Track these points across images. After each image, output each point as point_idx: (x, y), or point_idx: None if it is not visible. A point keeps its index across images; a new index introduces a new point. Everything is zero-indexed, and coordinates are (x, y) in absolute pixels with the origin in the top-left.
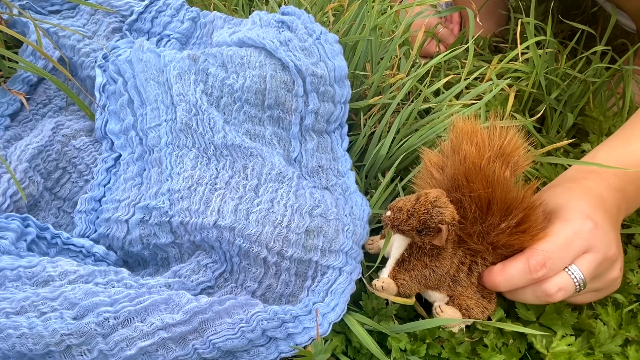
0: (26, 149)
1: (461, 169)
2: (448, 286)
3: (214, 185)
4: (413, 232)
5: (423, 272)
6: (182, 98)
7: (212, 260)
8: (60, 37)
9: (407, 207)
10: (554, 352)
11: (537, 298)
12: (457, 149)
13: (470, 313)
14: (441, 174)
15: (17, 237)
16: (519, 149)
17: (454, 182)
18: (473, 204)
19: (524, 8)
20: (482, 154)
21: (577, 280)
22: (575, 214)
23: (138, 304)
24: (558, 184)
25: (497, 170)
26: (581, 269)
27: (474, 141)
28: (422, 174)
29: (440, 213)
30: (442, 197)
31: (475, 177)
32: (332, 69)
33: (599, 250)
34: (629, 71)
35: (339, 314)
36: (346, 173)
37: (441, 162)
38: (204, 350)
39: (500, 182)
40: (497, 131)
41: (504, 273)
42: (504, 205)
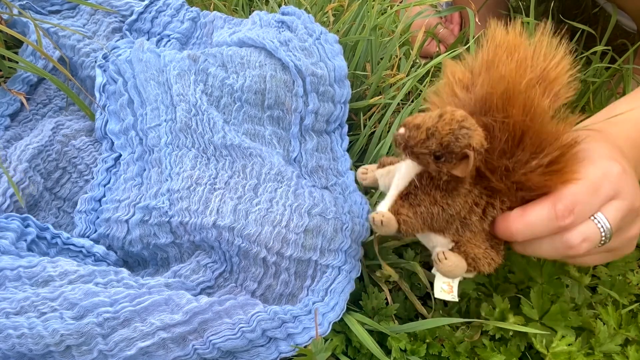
0: (26, 149)
1: (498, 87)
2: (456, 230)
3: (213, 185)
4: (430, 158)
5: (431, 210)
6: (182, 98)
7: (212, 260)
8: (60, 37)
9: (428, 124)
10: (554, 352)
11: (556, 250)
12: (493, 64)
13: (477, 264)
14: (467, 93)
15: (17, 237)
16: (564, 76)
17: (485, 103)
18: (505, 132)
19: (524, 8)
20: (522, 75)
21: (604, 230)
22: (602, 156)
23: (138, 304)
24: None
25: (537, 97)
26: (608, 217)
27: (514, 57)
28: (443, 91)
29: (468, 136)
30: (470, 118)
31: (514, 100)
32: (332, 69)
33: (627, 198)
34: (629, 71)
35: (338, 313)
36: (346, 173)
37: (467, 80)
38: (204, 351)
39: (539, 111)
40: (543, 50)
41: (524, 219)
42: (538, 139)
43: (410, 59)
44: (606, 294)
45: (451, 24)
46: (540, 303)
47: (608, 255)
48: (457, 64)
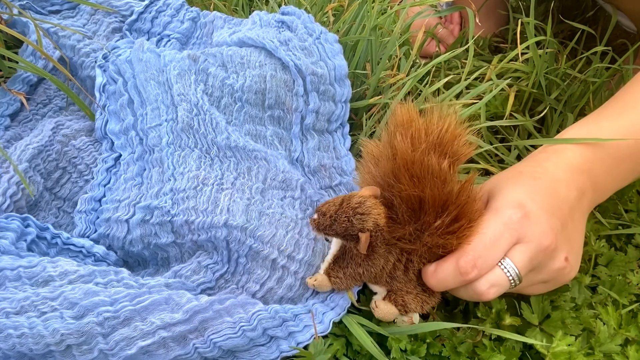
0: (26, 149)
1: (389, 166)
2: (386, 281)
3: (221, 185)
4: (339, 237)
5: (357, 270)
6: (183, 98)
7: (213, 262)
8: (60, 37)
9: (331, 212)
10: (554, 352)
11: (471, 297)
12: (390, 140)
13: (407, 308)
14: (377, 168)
15: (17, 237)
16: (459, 137)
17: (386, 179)
18: (403, 204)
19: (524, 8)
20: (415, 147)
21: (511, 275)
22: (505, 203)
23: (138, 303)
24: (514, 167)
25: (432, 164)
26: (515, 262)
27: (408, 133)
28: (360, 167)
29: (361, 220)
30: (368, 201)
31: (402, 176)
32: (332, 68)
33: (531, 241)
34: (629, 71)
35: (339, 313)
36: (351, 172)
37: (379, 154)
38: (204, 350)
39: (433, 177)
40: (435, 118)
41: (435, 275)
42: (439, 202)
43: (410, 59)
44: (606, 294)
45: (451, 24)
46: (541, 307)
47: (547, 285)
48: (373, 141)
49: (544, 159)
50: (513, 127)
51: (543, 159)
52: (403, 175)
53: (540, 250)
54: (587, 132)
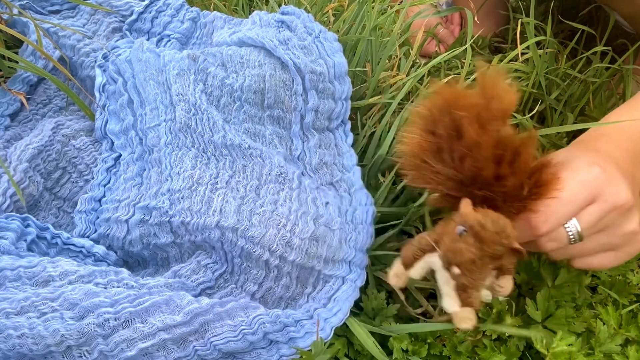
0: (26, 149)
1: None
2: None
3: (215, 185)
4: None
5: (485, 280)
6: (181, 98)
7: (213, 261)
8: (60, 37)
9: (477, 255)
10: (554, 352)
11: (532, 247)
12: (462, 133)
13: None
14: (448, 164)
15: (17, 237)
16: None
17: (474, 179)
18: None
19: (524, 8)
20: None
21: (572, 232)
22: (581, 162)
23: (138, 304)
24: (569, 146)
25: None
26: (580, 222)
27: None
28: (412, 164)
29: (508, 237)
30: (492, 218)
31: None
32: (332, 65)
33: (607, 199)
34: (629, 71)
35: (341, 319)
36: (352, 168)
37: (434, 146)
38: (204, 352)
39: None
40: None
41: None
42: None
43: (410, 59)
44: (606, 294)
45: (452, 25)
46: (546, 306)
47: (618, 255)
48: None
49: (592, 140)
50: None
51: (591, 140)
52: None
53: (614, 207)
54: (628, 120)
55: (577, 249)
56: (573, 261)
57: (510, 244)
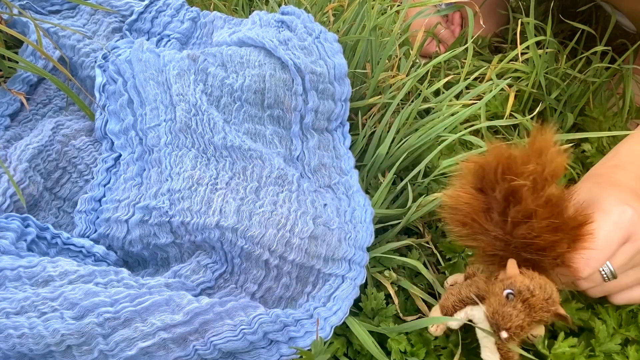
0: (26, 149)
1: (545, 234)
2: None
3: (215, 185)
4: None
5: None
6: (181, 98)
7: (213, 261)
8: (60, 37)
9: (526, 321)
10: (556, 354)
11: (568, 285)
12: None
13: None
14: (498, 225)
15: (17, 237)
16: (552, 155)
17: (525, 245)
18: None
19: (524, 8)
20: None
21: (605, 271)
22: (612, 202)
23: (138, 304)
24: (585, 180)
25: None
26: (613, 262)
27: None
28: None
29: (554, 302)
30: (539, 282)
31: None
32: (332, 66)
33: (638, 239)
34: (629, 71)
35: (341, 317)
36: (349, 171)
37: (484, 204)
38: (204, 352)
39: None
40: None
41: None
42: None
43: (410, 58)
44: None
45: (452, 25)
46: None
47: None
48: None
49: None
50: (513, 127)
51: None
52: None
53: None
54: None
55: (614, 285)
56: (612, 297)
57: (557, 310)
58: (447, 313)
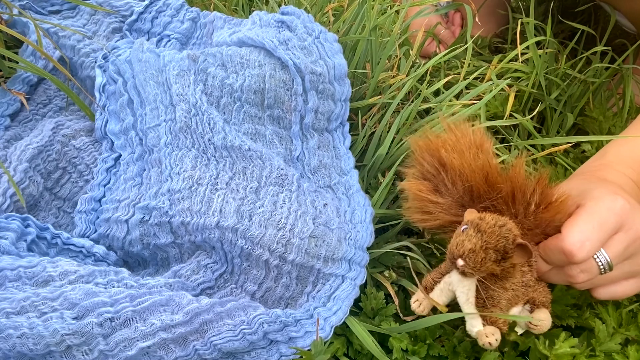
0: (26, 149)
1: (477, 177)
2: (523, 294)
3: (215, 185)
4: (494, 265)
5: (506, 296)
6: (181, 98)
7: (213, 261)
8: (60, 37)
9: (478, 244)
10: (556, 354)
11: (563, 280)
12: (446, 164)
13: (548, 305)
14: (445, 194)
15: (17, 237)
16: (484, 134)
17: (471, 194)
18: (503, 203)
19: (524, 8)
20: (476, 159)
21: (602, 262)
22: (603, 192)
23: (139, 304)
24: (572, 178)
25: (491, 161)
26: (608, 251)
27: (456, 150)
28: (420, 206)
29: (510, 231)
30: (490, 214)
31: (494, 177)
32: (332, 66)
33: (632, 228)
34: (629, 71)
35: (341, 318)
36: (349, 171)
37: (431, 186)
38: (204, 352)
39: (503, 171)
40: (460, 131)
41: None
42: (520, 191)
43: (410, 59)
44: None
45: (452, 26)
46: None
47: (638, 282)
48: (411, 181)
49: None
50: (513, 127)
51: (596, 170)
52: (493, 175)
53: (638, 237)
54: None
55: (604, 278)
56: (596, 291)
57: (513, 238)
58: (428, 287)
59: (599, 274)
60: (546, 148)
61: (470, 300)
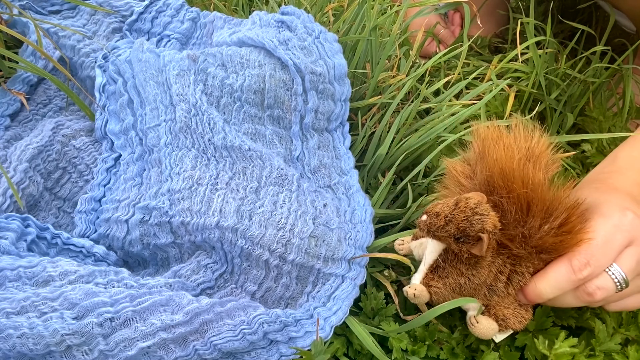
0: (26, 149)
1: (495, 169)
2: (484, 295)
3: (215, 185)
4: (450, 239)
5: (458, 281)
6: (181, 98)
7: (213, 261)
8: (60, 37)
9: (445, 212)
10: (556, 354)
11: (578, 299)
12: (484, 153)
13: (507, 323)
14: (470, 181)
15: (17, 237)
16: (547, 150)
17: (488, 185)
18: (512, 205)
19: (523, 8)
20: (512, 156)
21: (617, 279)
22: (612, 207)
23: (139, 304)
24: (583, 186)
25: (530, 172)
26: (622, 267)
27: (500, 145)
28: (449, 183)
29: (481, 221)
30: (484, 203)
31: (512, 177)
32: (332, 66)
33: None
34: (629, 71)
35: (340, 317)
36: (349, 171)
37: (467, 170)
38: (204, 352)
39: (536, 183)
40: (522, 134)
41: (546, 278)
42: (543, 206)
43: (410, 59)
44: None
45: (452, 26)
46: (542, 321)
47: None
48: (455, 160)
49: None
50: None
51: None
52: (512, 175)
53: None
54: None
55: (618, 295)
56: (609, 306)
57: (480, 229)
58: (416, 236)
59: (615, 291)
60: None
61: (427, 260)
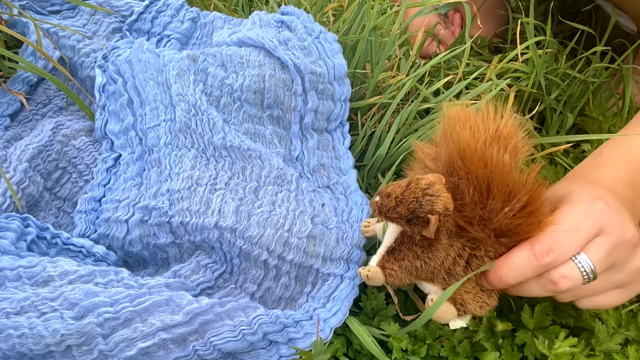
0: (26, 149)
1: (455, 150)
2: (442, 279)
3: (214, 185)
4: (402, 221)
5: (414, 263)
6: (181, 98)
7: (212, 261)
8: (60, 37)
9: (396, 193)
10: (556, 353)
11: (543, 287)
12: (449, 134)
13: (466, 308)
14: (435, 162)
15: (17, 237)
16: (516, 133)
17: (449, 166)
18: (471, 186)
19: (523, 8)
20: (477, 137)
21: (584, 269)
22: (583, 196)
23: (138, 304)
24: (563, 180)
25: (494, 153)
26: (589, 256)
27: (467, 126)
28: (415, 166)
29: (431, 202)
30: (436, 185)
31: (471, 158)
32: (332, 67)
33: (612, 232)
34: (629, 71)
35: (340, 319)
36: (348, 171)
37: (434, 153)
38: (204, 352)
39: (499, 164)
40: (491, 115)
41: (508, 263)
42: (505, 188)
43: (410, 59)
44: None
45: (452, 26)
46: (542, 319)
47: (625, 291)
48: (424, 142)
49: (588, 173)
50: None
51: (587, 173)
52: (472, 156)
53: (621, 242)
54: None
55: (588, 289)
56: (580, 302)
57: (429, 210)
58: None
59: (582, 282)
60: (546, 148)
61: (386, 242)
